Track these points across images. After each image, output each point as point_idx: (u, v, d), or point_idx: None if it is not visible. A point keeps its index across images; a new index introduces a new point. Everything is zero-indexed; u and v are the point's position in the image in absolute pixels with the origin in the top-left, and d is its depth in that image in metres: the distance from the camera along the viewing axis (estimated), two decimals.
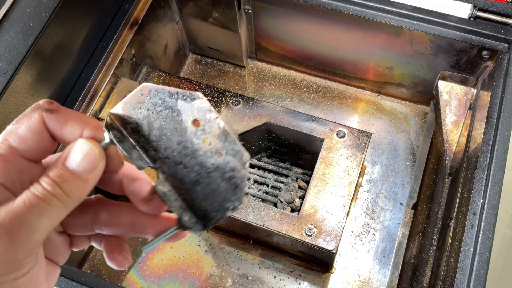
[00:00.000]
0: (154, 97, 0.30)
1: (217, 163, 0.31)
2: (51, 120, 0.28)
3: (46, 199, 0.26)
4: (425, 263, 0.70)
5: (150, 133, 0.30)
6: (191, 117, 0.30)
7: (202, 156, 0.31)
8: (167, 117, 0.30)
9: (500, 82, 0.67)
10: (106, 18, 0.74)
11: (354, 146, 0.72)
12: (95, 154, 0.28)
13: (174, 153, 0.30)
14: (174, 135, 0.30)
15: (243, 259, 0.81)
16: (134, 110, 0.30)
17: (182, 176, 0.31)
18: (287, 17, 0.83)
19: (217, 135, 0.30)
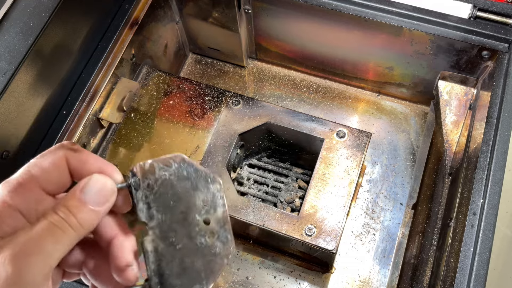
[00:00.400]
0: (181, 167, 0.34)
1: (206, 243, 0.33)
2: (74, 158, 0.31)
3: (62, 227, 0.28)
4: (425, 263, 0.70)
5: (162, 194, 0.33)
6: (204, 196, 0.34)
7: (195, 232, 0.33)
8: (184, 187, 0.33)
9: (500, 82, 0.67)
10: (106, 18, 0.74)
11: (354, 146, 0.72)
12: (108, 188, 0.31)
13: (173, 219, 0.33)
14: (181, 204, 0.33)
15: (243, 259, 0.81)
16: (159, 170, 0.33)
17: (169, 243, 0.33)
18: (287, 17, 0.83)
19: (218, 220, 0.34)
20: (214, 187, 0.34)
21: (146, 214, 0.33)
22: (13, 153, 0.63)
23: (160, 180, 0.33)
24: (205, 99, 0.78)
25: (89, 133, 0.73)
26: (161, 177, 0.33)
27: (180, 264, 0.33)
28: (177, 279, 0.33)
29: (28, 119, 0.64)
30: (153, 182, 0.33)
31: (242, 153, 0.79)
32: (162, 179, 0.33)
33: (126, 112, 0.77)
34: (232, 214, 0.69)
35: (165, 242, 0.33)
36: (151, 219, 0.33)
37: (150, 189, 0.33)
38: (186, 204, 0.33)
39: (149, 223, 0.33)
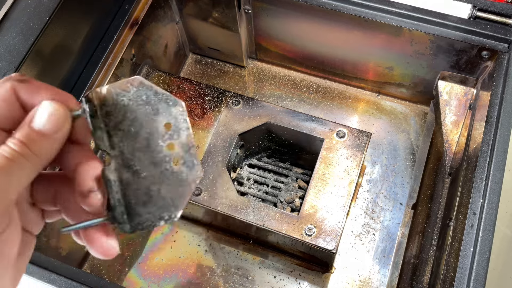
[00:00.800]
0: (140, 90, 0.31)
1: (171, 169, 0.31)
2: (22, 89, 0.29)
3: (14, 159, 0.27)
4: (425, 263, 0.70)
5: (121, 121, 0.31)
6: (166, 120, 0.31)
7: (160, 158, 0.31)
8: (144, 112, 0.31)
9: (500, 82, 0.67)
10: (106, 18, 0.74)
11: (354, 146, 0.72)
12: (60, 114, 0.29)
13: (135, 146, 0.31)
14: (143, 130, 0.31)
15: (243, 259, 0.81)
16: (117, 96, 0.31)
17: (133, 172, 0.31)
18: (287, 17, 0.83)
19: (182, 144, 0.32)
20: (176, 110, 0.32)
21: (106, 143, 0.31)
22: None
23: (118, 106, 0.31)
24: (205, 99, 0.78)
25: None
26: (120, 103, 0.31)
27: (146, 193, 0.32)
28: (144, 208, 0.32)
29: None
30: (112, 109, 0.31)
31: (242, 153, 0.79)
32: (120, 104, 0.31)
33: None
34: (232, 214, 0.69)
35: (129, 171, 0.31)
36: (112, 148, 0.31)
37: (109, 116, 0.31)
38: (148, 130, 0.31)
39: (110, 152, 0.31)
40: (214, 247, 0.82)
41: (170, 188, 0.32)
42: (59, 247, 0.73)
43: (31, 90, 0.29)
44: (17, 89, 0.29)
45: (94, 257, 0.82)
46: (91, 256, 0.82)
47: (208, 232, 0.83)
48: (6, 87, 0.29)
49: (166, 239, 0.83)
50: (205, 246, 0.82)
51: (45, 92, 0.29)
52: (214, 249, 0.82)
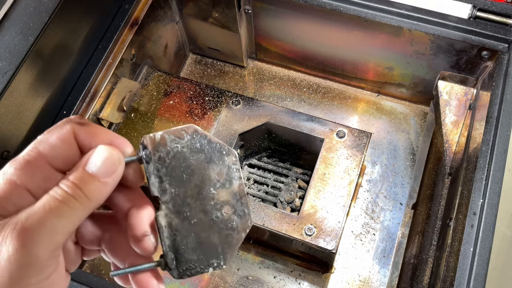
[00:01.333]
0: (194, 138, 0.32)
1: (222, 217, 0.32)
2: (82, 132, 0.30)
3: (66, 201, 0.27)
4: (425, 263, 0.70)
5: (174, 167, 0.32)
6: (218, 168, 0.32)
7: (211, 206, 0.32)
8: (197, 159, 0.32)
9: (500, 82, 0.67)
10: (106, 18, 0.74)
11: (354, 146, 0.72)
12: (114, 159, 0.29)
13: (187, 193, 0.32)
14: (195, 177, 0.32)
15: (243, 259, 0.81)
16: (171, 142, 0.32)
17: (183, 218, 0.32)
18: (287, 17, 0.83)
19: (234, 193, 0.32)
20: (229, 159, 0.33)
21: (158, 188, 0.31)
22: (13, 153, 0.63)
23: (172, 153, 0.32)
24: (205, 99, 0.78)
25: None
26: (173, 150, 0.32)
27: (196, 239, 0.32)
28: (193, 254, 0.32)
29: (28, 119, 0.64)
30: (165, 155, 0.31)
31: (242, 153, 0.79)
32: (174, 151, 0.32)
33: (126, 112, 0.77)
34: None
35: (179, 217, 0.32)
36: (164, 193, 0.31)
37: (162, 162, 0.31)
38: (200, 177, 0.32)
39: (162, 197, 0.32)
40: None
41: (219, 236, 0.32)
42: None
43: (89, 133, 0.30)
44: (76, 132, 0.30)
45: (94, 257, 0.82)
46: None
47: None
48: (67, 129, 0.29)
49: None
50: None
51: (103, 135, 0.30)
52: None
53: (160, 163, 0.31)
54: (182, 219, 0.32)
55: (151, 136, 0.31)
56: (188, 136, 0.32)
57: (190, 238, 0.32)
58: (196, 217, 0.32)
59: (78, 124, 0.30)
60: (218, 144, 0.32)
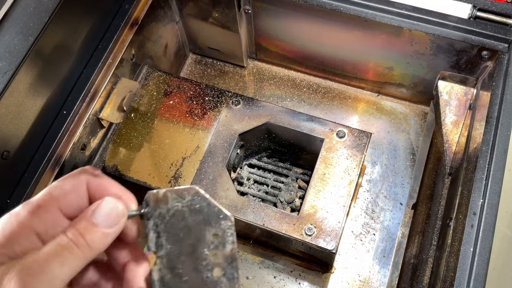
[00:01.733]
0: (195, 200, 0.34)
1: (212, 278, 0.34)
2: (94, 183, 0.32)
3: (69, 248, 0.29)
4: (425, 263, 0.70)
5: (172, 225, 0.34)
6: (214, 231, 0.34)
7: (203, 266, 0.34)
8: (195, 220, 0.34)
9: (500, 82, 0.67)
10: (106, 18, 0.74)
11: (354, 146, 0.72)
12: (118, 211, 0.31)
13: (182, 250, 0.34)
14: (191, 236, 0.34)
15: (243, 259, 0.81)
16: (172, 200, 0.34)
17: (175, 274, 0.34)
18: (287, 17, 0.83)
19: (226, 256, 0.34)
20: (225, 223, 0.34)
21: (155, 243, 0.33)
22: (13, 153, 0.63)
23: (172, 211, 0.34)
24: (205, 99, 0.78)
25: (89, 133, 0.73)
26: (174, 208, 0.34)
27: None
28: None
29: (28, 119, 0.64)
30: (165, 212, 0.33)
31: (242, 153, 0.79)
32: (174, 209, 0.34)
33: (126, 112, 0.77)
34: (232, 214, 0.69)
35: (171, 273, 0.33)
36: (160, 249, 0.33)
37: (162, 218, 0.33)
38: (196, 237, 0.34)
39: (158, 252, 0.33)
40: None
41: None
42: None
43: (101, 185, 0.32)
44: (89, 182, 0.32)
45: None
46: None
47: None
48: (81, 179, 0.32)
49: None
50: None
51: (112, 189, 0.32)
52: None
53: (160, 219, 0.33)
54: (174, 275, 0.33)
55: (154, 193, 0.33)
56: (190, 196, 0.34)
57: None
58: (187, 275, 0.34)
59: (91, 175, 0.32)
60: (216, 208, 0.34)
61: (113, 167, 0.74)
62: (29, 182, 0.64)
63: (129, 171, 0.73)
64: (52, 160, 0.67)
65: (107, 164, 0.74)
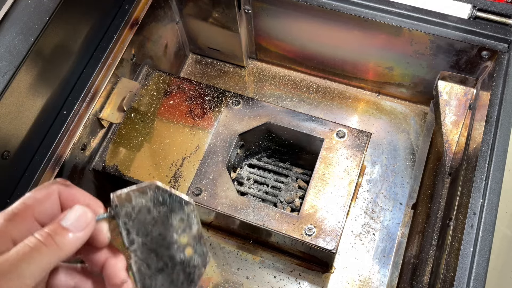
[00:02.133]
0: (157, 193, 0.37)
1: (185, 258, 0.38)
2: (65, 192, 0.35)
3: (37, 248, 0.31)
4: (424, 263, 0.70)
5: (140, 220, 0.37)
6: (179, 217, 0.38)
7: (174, 249, 0.37)
8: (160, 211, 0.37)
9: (499, 82, 0.67)
10: (106, 18, 0.74)
11: (354, 146, 0.72)
12: (87, 216, 0.34)
13: (153, 241, 0.37)
14: (159, 226, 0.37)
15: (243, 259, 0.81)
16: (136, 198, 0.36)
17: (151, 263, 0.37)
18: (287, 17, 0.83)
19: (193, 236, 0.38)
20: (188, 208, 0.38)
21: (126, 239, 0.36)
22: (13, 153, 0.63)
23: (137, 207, 0.36)
24: (205, 99, 0.78)
25: (89, 133, 0.73)
26: (138, 205, 0.37)
27: (164, 279, 0.37)
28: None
29: (29, 119, 0.64)
30: (131, 210, 0.36)
31: (242, 153, 0.79)
32: (139, 206, 0.37)
33: (126, 112, 0.77)
34: (232, 214, 0.69)
35: (147, 262, 0.37)
36: (132, 243, 0.36)
37: (129, 216, 0.36)
38: (164, 226, 0.37)
39: (130, 247, 0.36)
40: (214, 247, 0.82)
41: (184, 273, 0.38)
42: None
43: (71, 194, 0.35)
44: (60, 192, 0.35)
45: None
46: None
47: (208, 232, 0.83)
48: (53, 188, 0.35)
49: None
50: None
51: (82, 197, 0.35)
52: (214, 249, 0.82)
53: (127, 217, 0.36)
54: (150, 264, 0.37)
55: (118, 195, 0.36)
56: (151, 192, 0.37)
57: (159, 278, 0.37)
58: (162, 261, 0.37)
59: (62, 185, 0.35)
60: (178, 197, 0.38)
61: (113, 167, 0.74)
62: (29, 182, 0.64)
63: (129, 171, 0.73)
64: (52, 160, 0.67)
65: (107, 164, 0.74)
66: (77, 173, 0.73)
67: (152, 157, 0.74)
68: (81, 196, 0.36)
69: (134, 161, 0.74)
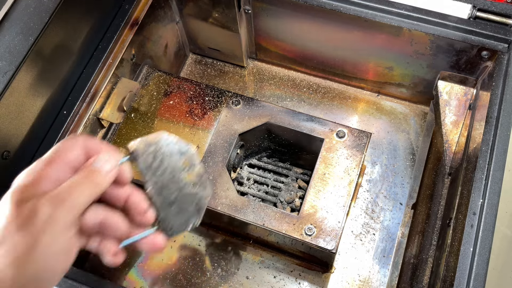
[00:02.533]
0: (165, 141, 0.47)
1: (191, 189, 0.48)
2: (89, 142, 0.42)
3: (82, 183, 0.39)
4: (424, 263, 0.70)
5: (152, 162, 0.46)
6: (183, 159, 0.47)
7: (183, 185, 0.47)
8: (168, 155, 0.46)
9: (499, 82, 0.67)
10: (106, 18, 0.74)
11: (354, 146, 0.72)
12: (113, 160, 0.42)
13: (165, 179, 0.46)
14: (169, 166, 0.46)
15: (243, 259, 0.81)
16: (146, 146, 0.46)
17: (165, 196, 0.46)
18: (287, 17, 0.83)
19: (197, 174, 0.48)
20: (190, 152, 0.48)
21: (143, 178, 0.46)
22: (13, 153, 0.63)
23: (150, 153, 0.46)
24: (205, 99, 0.78)
25: (89, 133, 0.73)
26: (151, 150, 0.46)
27: (177, 208, 0.47)
28: (177, 218, 0.47)
29: (29, 119, 0.64)
30: (145, 155, 0.46)
31: (242, 153, 0.79)
32: (151, 151, 0.46)
33: (127, 112, 0.77)
34: (232, 214, 0.69)
35: (162, 195, 0.46)
36: (150, 180, 0.46)
37: (144, 160, 0.46)
38: (173, 166, 0.46)
39: (149, 183, 0.46)
40: (214, 247, 0.82)
41: (192, 204, 0.48)
42: None
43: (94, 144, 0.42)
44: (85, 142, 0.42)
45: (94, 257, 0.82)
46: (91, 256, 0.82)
47: (208, 232, 0.83)
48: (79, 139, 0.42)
49: None
50: (205, 246, 0.82)
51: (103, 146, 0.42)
52: (214, 249, 0.82)
53: (143, 161, 0.46)
54: (165, 197, 0.46)
55: (134, 143, 0.45)
56: (161, 140, 0.46)
57: (173, 208, 0.47)
58: (174, 194, 0.46)
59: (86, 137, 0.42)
60: (182, 143, 0.47)
61: None
62: None
63: None
64: None
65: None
66: None
67: None
68: (103, 146, 0.42)
69: None
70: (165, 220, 0.47)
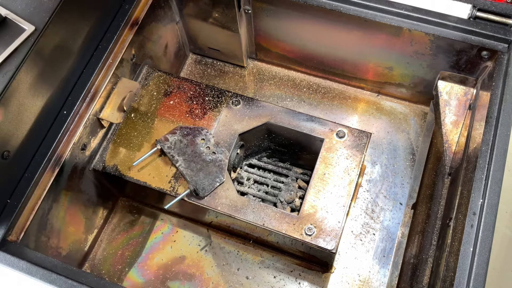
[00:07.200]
0: (183, 130, 0.73)
1: (212, 158, 0.71)
2: None
3: None
4: (424, 263, 0.70)
5: (177, 147, 0.71)
6: (201, 138, 0.72)
7: (204, 155, 0.70)
8: (188, 138, 0.71)
9: (499, 82, 0.67)
10: (106, 18, 0.74)
11: (354, 146, 0.72)
12: None
13: (189, 156, 0.70)
14: (190, 146, 0.70)
15: (243, 259, 0.81)
16: (170, 137, 0.72)
17: (192, 168, 0.70)
18: (287, 17, 0.83)
19: (213, 145, 0.70)
20: (204, 132, 0.72)
21: (173, 160, 0.70)
22: (13, 153, 0.63)
23: (173, 141, 0.71)
24: (205, 99, 0.78)
25: (89, 133, 0.73)
26: (173, 140, 0.71)
27: (204, 173, 0.69)
28: (205, 181, 0.69)
29: (29, 119, 0.64)
30: (170, 144, 0.71)
31: (242, 153, 0.79)
32: (174, 140, 0.72)
33: (127, 112, 0.77)
34: (232, 214, 0.69)
35: (190, 166, 0.70)
36: (177, 162, 0.70)
37: (170, 147, 0.71)
38: (193, 145, 0.70)
39: (177, 163, 0.70)
40: (214, 247, 0.82)
41: (214, 167, 0.70)
42: (59, 247, 0.73)
43: None
44: None
45: (94, 257, 0.82)
46: (91, 256, 0.82)
47: (208, 232, 0.83)
48: None
49: (166, 239, 0.84)
50: (205, 246, 0.82)
51: None
52: (214, 249, 0.82)
53: (169, 148, 0.71)
54: (192, 168, 0.70)
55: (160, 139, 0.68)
56: (179, 130, 0.72)
57: (201, 174, 0.69)
58: (199, 164, 0.69)
59: None
60: (196, 127, 0.70)
61: (113, 167, 0.74)
62: (29, 182, 0.64)
63: (129, 171, 0.73)
64: (52, 160, 0.67)
65: (107, 164, 0.75)
66: (77, 173, 0.73)
67: (152, 157, 0.74)
68: None
69: (135, 160, 0.74)
70: (196, 184, 0.68)
